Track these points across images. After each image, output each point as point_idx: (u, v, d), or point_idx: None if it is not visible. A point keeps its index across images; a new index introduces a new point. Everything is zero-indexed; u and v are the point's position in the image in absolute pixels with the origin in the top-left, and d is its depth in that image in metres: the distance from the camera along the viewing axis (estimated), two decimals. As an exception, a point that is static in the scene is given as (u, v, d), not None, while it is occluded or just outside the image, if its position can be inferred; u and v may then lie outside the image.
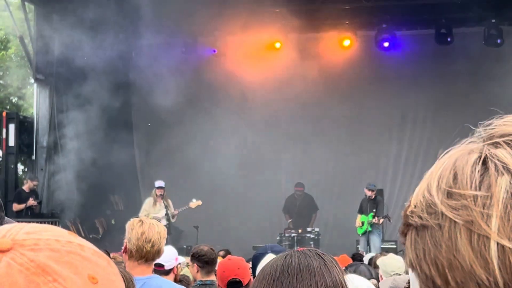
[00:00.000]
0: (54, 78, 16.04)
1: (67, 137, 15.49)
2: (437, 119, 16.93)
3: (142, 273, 3.73)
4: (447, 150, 0.78)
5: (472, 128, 0.79)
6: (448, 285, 0.72)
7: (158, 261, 5.17)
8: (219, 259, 5.73)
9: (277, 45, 16.75)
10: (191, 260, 5.59)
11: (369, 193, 13.97)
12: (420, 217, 0.76)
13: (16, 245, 0.74)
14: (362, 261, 7.59)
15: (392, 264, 5.43)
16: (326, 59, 16.80)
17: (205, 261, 5.59)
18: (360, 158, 17.33)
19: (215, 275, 5.05)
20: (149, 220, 3.91)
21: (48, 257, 0.74)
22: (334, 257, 1.83)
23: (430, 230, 0.75)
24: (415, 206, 0.77)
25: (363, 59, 16.85)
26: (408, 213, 0.78)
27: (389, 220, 13.88)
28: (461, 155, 0.76)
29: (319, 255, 1.78)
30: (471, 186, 0.73)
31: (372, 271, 5.03)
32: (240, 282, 4.54)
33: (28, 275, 0.71)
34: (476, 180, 0.73)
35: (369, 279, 4.78)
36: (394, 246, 14.68)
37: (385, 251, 10.74)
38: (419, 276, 0.76)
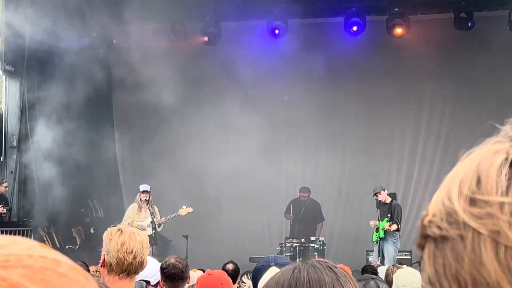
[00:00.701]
0: (25, 69, 15.99)
1: (40, 136, 15.44)
2: (456, 113, 16.92)
3: None
4: (469, 151, 0.77)
5: (498, 126, 0.78)
6: None
7: (142, 277, 5.14)
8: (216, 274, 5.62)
9: (277, 31, 16.74)
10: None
11: (377, 198, 13.89)
12: (439, 228, 0.75)
13: None
14: (376, 274, 7.48)
15: (405, 277, 5.40)
16: (331, 48, 16.79)
17: (166, 275, 5.36)
18: (370, 159, 17.33)
19: None
20: (129, 229, 3.88)
21: (21, 275, 0.72)
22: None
23: (450, 242, 0.73)
24: (433, 215, 0.76)
25: (372, 47, 16.84)
26: (425, 223, 0.77)
27: (398, 226, 13.78)
28: (486, 156, 0.75)
29: (330, 268, 1.74)
30: (497, 192, 0.72)
31: (383, 287, 4.96)
32: None
33: None
34: (502, 184, 0.72)
35: None
36: (409, 257, 14.65)
37: (398, 262, 10.72)
38: None
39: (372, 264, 13.41)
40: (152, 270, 5.20)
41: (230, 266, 8.18)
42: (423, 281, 0.78)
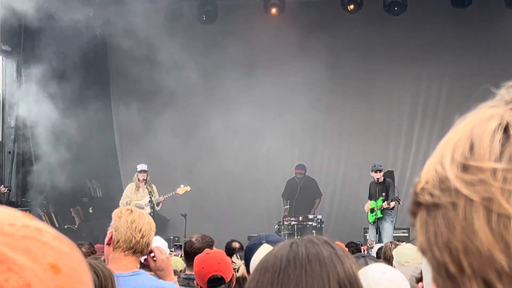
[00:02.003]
0: (22, 49, 15.93)
1: (37, 116, 15.40)
2: (453, 91, 16.89)
3: (127, 268, 3.69)
4: (463, 117, 0.76)
5: (493, 91, 0.76)
6: (463, 273, 0.70)
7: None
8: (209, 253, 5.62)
9: (273, 10, 16.67)
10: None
11: (376, 176, 13.84)
12: (431, 195, 0.74)
13: None
14: (360, 251, 7.46)
15: (406, 254, 5.40)
16: (328, 27, 16.72)
17: (184, 252, 5.49)
18: (368, 137, 17.34)
19: None
20: (139, 210, 3.92)
21: (1, 244, 0.71)
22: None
23: (442, 210, 0.72)
24: (426, 182, 0.75)
25: (369, 26, 16.77)
26: (418, 190, 0.76)
27: (399, 202, 13.78)
28: (479, 122, 0.73)
29: (328, 243, 1.74)
30: (490, 158, 0.70)
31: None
32: (222, 278, 4.43)
33: None
34: (496, 150, 0.70)
35: None
36: (407, 234, 14.69)
37: (396, 239, 10.73)
38: (431, 262, 0.74)
39: (368, 243, 13.48)
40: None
41: (236, 244, 8.19)
42: (417, 248, 0.77)
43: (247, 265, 3.67)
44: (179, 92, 16.54)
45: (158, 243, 5.19)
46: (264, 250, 3.11)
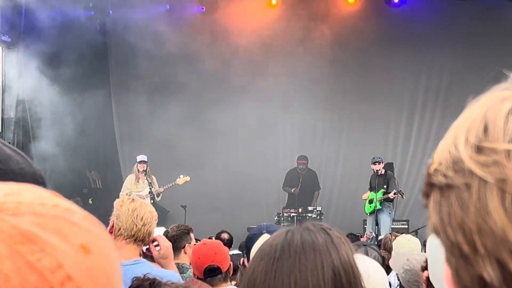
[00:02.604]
0: (22, 40, 15.89)
1: (37, 107, 15.39)
2: (453, 84, 16.90)
3: (128, 256, 3.70)
4: (477, 99, 0.76)
5: (506, 73, 0.77)
6: (476, 253, 0.71)
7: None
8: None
9: (274, 1, 16.66)
10: None
11: (376, 167, 13.84)
12: (445, 176, 0.74)
13: None
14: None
15: (405, 245, 5.43)
16: (328, 18, 16.70)
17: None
18: (367, 129, 17.34)
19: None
20: (140, 199, 3.96)
21: (32, 223, 0.70)
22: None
23: (456, 191, 0.73)
24: (439, 164, 0.76)
25: (369, 17, 16.75)
26: (431, 171, 0.77)
27: (402, 197, 13.77)
28: (493, 104, 0.74)
29: (324, 230, 1.72)
30: (504, 139, 0.71)
31: (373, 254, 4.90)
32: (218, 268, 4.45)
33: (11, 244, 0.68)
34: (510, 132, 0.71)
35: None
36: (406, 226, 14.73)
37: (395, 231, 10.76)
38: (444, 243, 0.75)
39: (366, 235, 13.50)
40: None
41: (225, 236, 8.25)
42: (429, 229, 0.77)
43: (247, 254, 3.68)
44: (179, 82, 16.53)
45: (161, 233, 5.23)
46: (264, 239, 3.12)
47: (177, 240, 5.48)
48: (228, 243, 7.85)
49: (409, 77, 17.29)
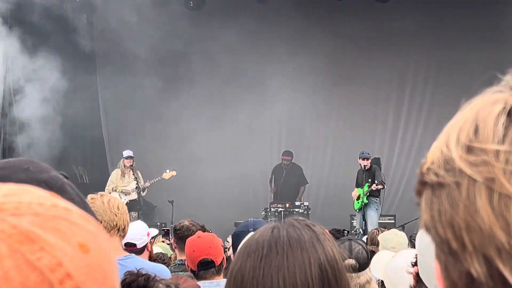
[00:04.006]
0: (6, 31, 15.79)
1: (23, 101, 15.32)
2: (440, 78, 16.98)
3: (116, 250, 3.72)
4: (470, 101, 0.79)
5: (499, 76, 0.79)
6: (464, 249, 0.73)
7: (128, 239, 5.17)
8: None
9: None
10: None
11: (363, 163, 13.86)
12: (437, 175, 0.77)
13: None
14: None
15: (392, 239, 5.46)
16: (315, 14, 16.72)
17: (179, 237, 5.56)
18: (354, 124, 17.39)
19: None
20: (109, 194, 4.07)
21: (32, 223, 0.72)
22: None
23: (447, 189, 0.75)
24: (431, 163, 0.78)
25: (356, 13, 16.79)
26: (423, 170, 0.79)
27: (384, 186, 13.77)
28: (484, 105, 0.76)
29: (309, 226, 1.74)
30: (493, 140, 0.73)
31: (357, 248, 4.86)
32: (212, 262, 4.48)
33: (11, 244, 0.69)
34: (499, 133, 0.73)
35: (347, 258, 4.74)
36: (393, 221, 14.79)
37: (382, 226, 10.82)
38: (434, 239, 0.77)
39: (355, 230, 13.55)
40: (139, 234, 5.22)
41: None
42: (420, 226, 0.80)
43: (234, 251, 3.69)
44: (166, 77, 16.51)
45: (138, 227, 5.24)
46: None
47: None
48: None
49: (396, 72, 17.35)
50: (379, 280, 4.61)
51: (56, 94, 15.26)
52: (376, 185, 13.50)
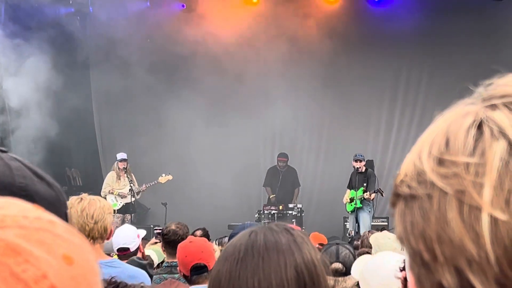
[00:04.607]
0: (1, 34, 15.76)
1: (14, 102, 15.27)
2: (433, 81, 17.00)
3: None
4: (442, 113, 0.80)
5: (471, 88, 0.80)
6: (436, 261, 0.74)
7: (121, 244, 5.18)
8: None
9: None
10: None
11: (357, 165, 13.84)
12: (409, 187, 0.78)
13: None
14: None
15: (386, 245, 5.43)
16: (309, 16, 16.72)
17: (166, 242, 5.57)
18: (347, 126, 17.39)
19: None
20: (90, 196, 3.94)
21: (17, 235, 0.73)
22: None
23: (419, 201, 0.76)
24: (405, 175, 0.79)
25: (350, 15, 16.80)
26: (397, 182, 0.80)
27: (382, 194, 13.81)
28: (456, 118, 0.77)
29: (287, 230, 1.75)
30: (463, 153, 0.74)
31: (344, 252, 4.84)
32: (205, 266, 4.48)
33: None
34: (469, 146, 0.74)
35: (334, 262, 4.75)
36: (386, 223, 14.78)
37: (375, 228, 10.81)
38: (407, 251, 0.78)
39: (348, 233, 13.56)
40: (130, 237, 5.24)
41: (198, 233, 8.27)
42: (396, 237, 0.81)
43: None
44: (161, 80, 16.50)
45: (128, 231, 5.24)
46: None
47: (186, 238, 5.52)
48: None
49: (390, 74, 17.37)
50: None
51: (48, 95, 15.23)
52: (370, 195, 13.51)
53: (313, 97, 17.28)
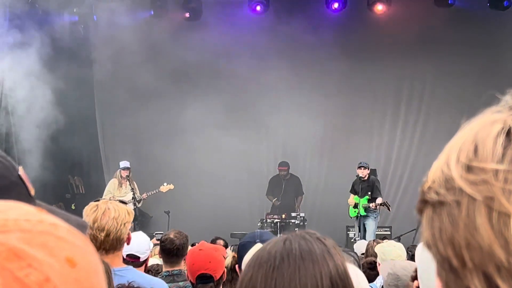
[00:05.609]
0: (1, 45, 15.79)
1: (18, 109, 15.28)
2: (436, 91, 17.01)
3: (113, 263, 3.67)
4: (469, 121, 0.81)
5: (498, 96, 0.81)
6: (465, 267, 0.75)
7: (134, 251, 5.09)
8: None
9: (258, 8, 16.69)
10: None
11: (361, 172, 13.81)
12: (437, 193, 0.78)
13: None
14: None
15: (391, 252, 5.46)
16: (312, 25, 16.74)
17: (162, 249, 5.45)
18: (350, 135, 17.38)
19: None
20: (105, 205, 3.77)
21: (19, 240, 0.72)
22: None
23: (447, 207, 0.77)
24: (432, 182, 0.80)
25: (353, 24, 16.83)
26: (425, 189, 0.81)
27: (389, 209, 13.75)
28: (484, 126, 0.78)
29: (320, 240, 1.76)
30: (492, 160, 0.75)
31: (349, 259, 4.85)
32: (211, 277, 4.43)
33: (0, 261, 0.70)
34: (498, 153, 0.75)
35: None
36: (389, 232, 14.78)
37: (378, 237, 10.82)
38: (435, 257, 0.79)
39: (353, 238, 13.54)
40: (144, 248, 5.12)
41: (221, 242, 8.24)
42: (422, 243, 0.82)
43: (239, 262, 3.67)
44: (162, 88, 16.51)
45: (142, 240, 5.14)
46: (257, 249, 3.12)
47: (183, 248, 5.45)
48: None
49: (393, 83, 17.37)
50: None
51: (51, 103, 15.24)
52: (376, 206, 13.48)
53: (316, 106, 17.27)
